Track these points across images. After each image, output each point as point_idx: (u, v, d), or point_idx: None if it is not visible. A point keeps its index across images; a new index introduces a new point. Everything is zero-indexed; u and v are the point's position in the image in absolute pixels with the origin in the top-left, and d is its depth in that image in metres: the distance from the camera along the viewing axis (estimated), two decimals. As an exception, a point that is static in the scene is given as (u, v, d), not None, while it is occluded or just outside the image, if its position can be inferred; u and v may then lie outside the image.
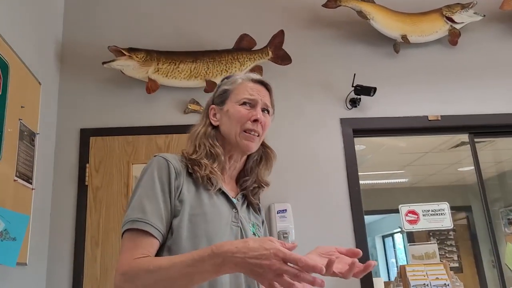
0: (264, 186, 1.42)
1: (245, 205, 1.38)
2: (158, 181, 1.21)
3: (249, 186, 1.39)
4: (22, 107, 2.35)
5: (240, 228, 1.27)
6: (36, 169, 2.50)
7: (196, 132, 1.36)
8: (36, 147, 2.52)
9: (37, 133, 2.54)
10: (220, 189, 1.29)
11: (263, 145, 1.43)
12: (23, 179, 2.34)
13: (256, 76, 1.43)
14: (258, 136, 1.35)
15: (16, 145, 2.28)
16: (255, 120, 1.32)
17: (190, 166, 1.28)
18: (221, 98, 1.39)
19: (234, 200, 1.32)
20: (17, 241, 2.12)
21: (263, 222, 1.47)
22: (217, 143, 1.34)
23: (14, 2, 2.40)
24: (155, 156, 1.28)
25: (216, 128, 1.37)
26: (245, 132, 1.32)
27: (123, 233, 1.16)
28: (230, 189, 1.35)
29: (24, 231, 2.20)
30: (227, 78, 1.45)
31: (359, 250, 1.17)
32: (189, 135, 1.38)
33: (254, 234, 1.33)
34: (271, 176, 1.46)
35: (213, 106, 1.40)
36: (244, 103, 1.35)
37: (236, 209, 1.30)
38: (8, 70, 2.22)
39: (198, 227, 1.19)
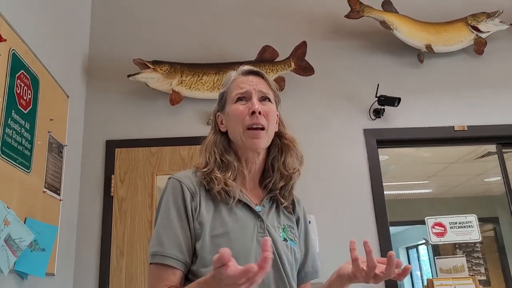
0: (291, 177, 1.30)
1: (273, 209, 1.30)
2: (174, 207, 1.20)
3: (275, 186, 1.29)
4: (51, 120, 2.40)
5: None
6: (64, 181, 2.55)
7: (205, 142, 1.32)
8: (64, 158, 2.57)
9: (65, 145, 2.59)
10: (240, 200, 1.24)
11: (279, 135, 1.33)
12: (52, 191, 2.38)
13: (244, 67, 1.35)
14: (263, 129, 1.25)
15: (45, 157, 2.33)
16: (253, 113, 1.24)
17: (205, 182, 1.23)
18: (221, 103, 1.35)
19: (259, 208, 1.25)
20: (46, 252, 2.16)
21: (298, 221, 1.36)
22: (228, 149, 1.29)
23: (43, 18, 2.47)
24: (169, 178, 1.26)
25: (225, 134, 1.32)
26: (248, 129, 1.24)
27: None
28: (253, 196, 1.29)
29: (53, 242, 2.25)
30: (223, 81, 1.38)
31: (398, 260, 1.10)
32: (201, 147, 1.32)
33: (285, 239, 1.26)
34: (295, 188, 1.39)
35: (218, 113, 1.35)
36: (238, 99, 1.28)
37: (261, 218, 1.23)
38: (39, 84, 2.28)
39: (221, 247, 1.15)
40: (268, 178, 1.31)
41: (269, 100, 1.30)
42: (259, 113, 1.24)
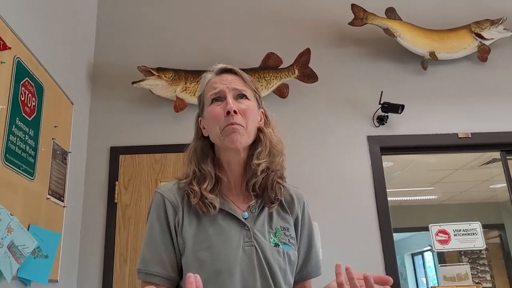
0: (277, 174, 1.23)
1: (264, 212, 1.23)
2: (157, 223, 1.20)
3: (261, 186, 1.23)
4: (55, 126, 2.42)
5: (255, 247, 1.16)
6: (68, 187, 2.56)
7: (187, 150, 1.27)
8: (68, 165, 2.58)
9: (69, 152, 2.60)
10: (224, 210, 1.19)
11: (261, 131, 1.26)
12: (55, 197, 2.39)
13: (218, 66, 1.30)
14: (242, 126, 1.19)
15: (49, 164, 2.34)
16: (228, 113, 1.18)
17: (186, 196, 1.20)
18: (200, 107, 1.30)
19: (245, 215, 1.20)
20: (49, 258, 2.17)
21: (296, 219, 1.29)
22: (209, 154, 1.24)
23: (48, 25, 2.49)
24: (155, 191, 1.25)
25: (208, 139, 1.26)
26: (225, 128, 1.19)
27: None
28: (241, 202, 1.24)
29: (56, 248, 2.25)
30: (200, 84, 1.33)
31: (389, 277, 1.07)
32: (184, 155, 1.28)
33: (276, 244, 1.20)
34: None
35: (200, 118, 1.30)
36: (214, 100, 1.23)
37: (248, 226, 1.18)
38: (43, 91, 2.30)
39: (205, 263, 1.13)
40: (251, 177, 1.23)
41: (246, 97, 1.25)
42: (235, 112, 1.19)
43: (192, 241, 1.16)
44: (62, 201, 2.49)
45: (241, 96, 1.24)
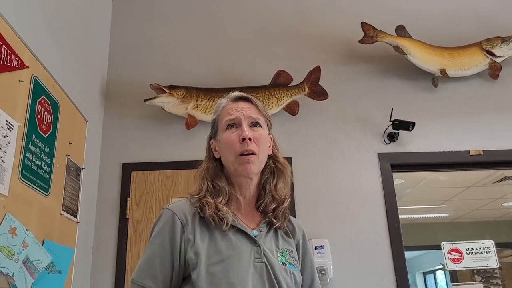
0: (282, 201, 1.31)
1: (271, 233, 1.30)
2: (159, 238, 1.23)
3: (268, 208, 1.30)
4: (69, 143, 2.46)
5: (265, 263, 1.21)
6: (81, 203, 2.59)
7: (200, 169, 1.34)
8: (81, 181, 2.62)
9: (82, 168, 2.64)
10: (234, 226, 1.24)
11: (273, 159, 1.35)
12: (69, 213, 2.42)
13: (234, 94, 1.37)
14: (254, 154, 1.26)
15: (63, 180, 2.38)
16: (243, 140, 1.25)
17: (198, 209, 1.25)
18: (213, 130, 1.36)
19: (255, 232, 1.26)
20: (63, 274, 2.19)
21: (298, 246, 1.36)
22: (220, 174, 1.30)
23: (63, 44, 2.55)
24: (163, 208, 1.29)
25: (219, 160, 1.33)
26: (239, 156, 1.26)
27: None
28: (249, 221, 1.29)
29: (69, 264, 2.28)
30: (215, 108, 1.40)
31: None
32: (195, 173, 1.35)
33: (283, 263, 1.25)
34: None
35: (212, 139, 1.37)
36: (229, 126, 1.30)
37: (258, 243, 1.24)
38: (59, 109, 2.35)
39: (217, 276, 1.16)
40: (261, 200, 1.32)
41: (260, 125, 1.32)
42: (249, 139, 1.25)
43: (205, 255, 1.19)
44: (76, 216, 2.52)
45: (255, 124, 1.31)
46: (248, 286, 1.16)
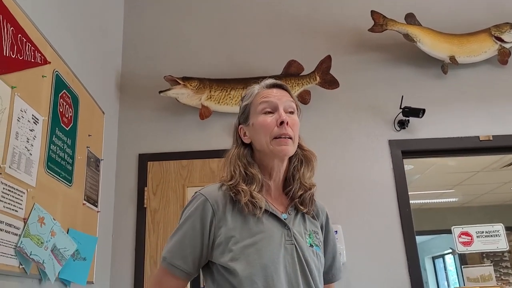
0: (310, 189, 1.36)
1: (299, 215, 1.35)
2: (190, 221, 1.28)
3: (296, 194, 1.34)
4: (89, 135, 2.54)
5: (295, 246, 1.26)
6: (101, 193, 2.67)
7: (229, 155, 1.36)
8: (100, 172, 2.70)
9: (101, 159, 2.72)
10: (267, 210, 1.28)
11: (301, 147, 1.38)
12: (90, 203, 2.51)
13: (269, 81, 1.40)
14: (290, 138, 1.30)
15: (84, 171, 2.46)
16: (281, 123, 1.29)
17: (232, 194, 1.29)
18: (244, 115, 1.39)
19: (285, 216, 1.31)
20: (87, 261, 2.28)
21: (321, 227, 1.42)
22: (252, 161, 1.33)
23: (80, 39, 2.62)
24: (195, 192, 1.34)
25: (249, 146, 1.37)
26: (276, 138, 1.29)
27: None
28: (279, 204, 1.34)
29: (93, 251, 2.37)
30: (245, 94, 1.43)
31: None
32: (224, 160, 1.37)
33: (311, 245, 1.31)
34: (321, 199, 1.44)
35: (241, 125, 1.40)
36: (265, 112, 1.33)
37: (288, 226, 1.29)
38: (78, 102, 2.42)
39: (251, 257, 1.21)
40: (289, 186, 1.36)
41: (294, 112, 1.36)
42: (287, 123, 1.30)
43: (239, 237, 1.24)
44: (96, 206, 2.60)
45: (291, 111, 1.35)
46: (280, 267, 1.23)
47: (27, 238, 1.77)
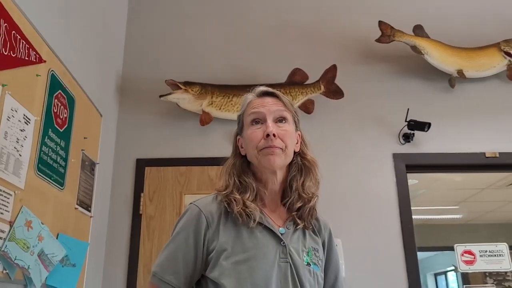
0: (310, 199, 1.28)
1: (298, 231, 1.28)
2: (183, 234, 1.23)
3: (293, 206, 1.28)
4: (85, 138, 2.48)
5: (290, 264, 1.20)
6: (95, 198, 2.61)
7: (226, 165, 1.33)
8: (95, 176, 2.63)
9: (97, 163, 2.66)
10: (262, 223, 1.23)
11: (300, 156, 1.32)
12: (83, 207, 2.44)
13: (260, 89, 1.35)
14: (280, 148, 1.24)
15: (78, 174, 2.39)
16: (267, 136, 1.24)
17: (226, 205, 1.24)
18: (239, 126, 1.36)
19: (282, 230, 1.25)
20: (77, 267, 2.21)
21: (323, 244, 1.35)
22: (247, 170, 1.29)
23: (80, 40, 2.57)
24: (190, 204, 1.28)
25: (245, 157, 1.32)
26: (262, 149, 1.24)
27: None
28: (277, 217, 1.28)
29: (83, 258, 2.29)
30: (241, 104, 1.38)
31: None
32: (221, 169, 1.34)
33: (308, 264, 1.24)
34: (322, 211, 1.36)
35: (238, 136, 1.36)
36: (253, 123, 1.28)
37: (284, 242, 1.22)
38: (74, 104, 2.36)
39: (243, 275, 1.16)
40: (287, 198, 1.30)
41: (286, 121, 1.30)
42: (274, 135, 1.24)
43: (230, 252, 1.19)
44: (89, 211, 2.54)
45: (280, 120, 1.29)
46: (272, 286, 1.16)
47: (12, 242, 1.70)
